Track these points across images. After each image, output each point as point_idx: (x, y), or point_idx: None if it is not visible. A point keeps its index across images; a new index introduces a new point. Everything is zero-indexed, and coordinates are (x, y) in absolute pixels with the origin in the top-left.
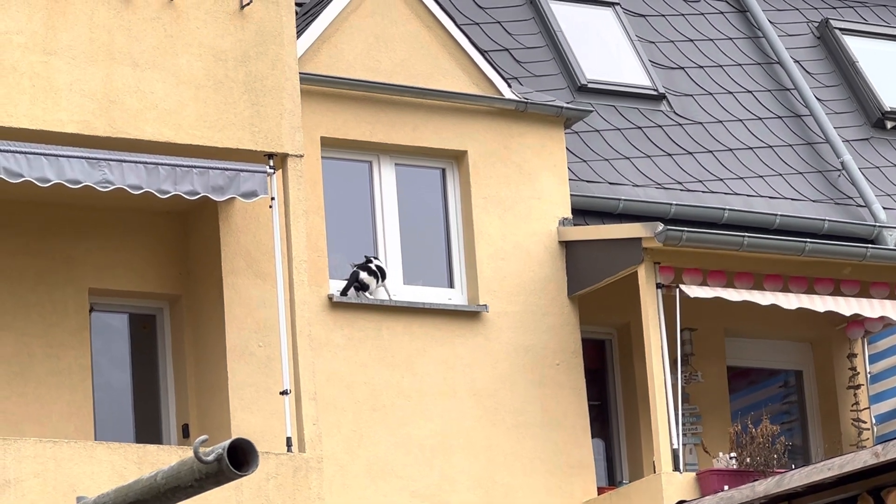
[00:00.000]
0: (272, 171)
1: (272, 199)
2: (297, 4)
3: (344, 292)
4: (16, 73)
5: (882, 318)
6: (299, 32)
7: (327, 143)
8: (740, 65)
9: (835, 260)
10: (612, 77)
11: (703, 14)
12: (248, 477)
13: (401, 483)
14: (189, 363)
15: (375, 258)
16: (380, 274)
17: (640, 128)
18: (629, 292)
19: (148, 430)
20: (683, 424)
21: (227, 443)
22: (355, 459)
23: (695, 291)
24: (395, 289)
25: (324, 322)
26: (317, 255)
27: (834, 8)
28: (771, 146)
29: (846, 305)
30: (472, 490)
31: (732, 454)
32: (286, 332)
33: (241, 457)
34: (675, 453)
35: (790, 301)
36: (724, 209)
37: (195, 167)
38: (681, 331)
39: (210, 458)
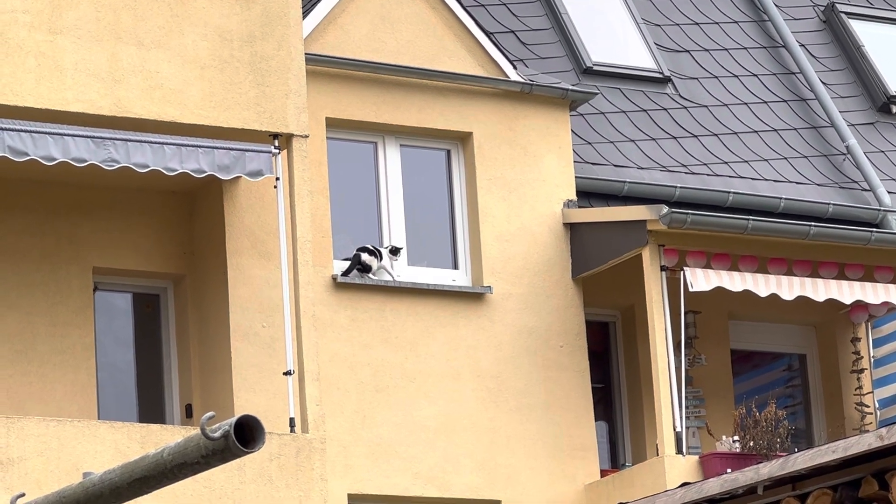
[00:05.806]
0: (277, 151)
1: (277, 179)
2: None
3: (346, 274)
4: (21, 51)
5: (885, 303)
6: (305, 13)
7: (332, 124)
8: (746, 48)
9: (839, 244)
10: (618, 60)
11: None
12: (251, 457)
13: (403, 464)
14: (193, 343)
15: (392, 246)
16: (385, 254)
17: (645, 110)
18: (633, 275)
19: (151, 410)
20: (687, 407)
21: (233, 419)
22: (358, 440)
23: (696, 284)
24: (400, 270)
25: (328, 303)
26: (321, 235)
27: None
28: (776, 130)
29: (848, 292)
30: (475, 472)
31: (735, 437)
32: (290, 313)
33: (247, 434)
34: (678, 436)
35: (791, 290)
36: (729, 192)
37: (200, 147)
38: (685, 314)
39: (217, 434)
